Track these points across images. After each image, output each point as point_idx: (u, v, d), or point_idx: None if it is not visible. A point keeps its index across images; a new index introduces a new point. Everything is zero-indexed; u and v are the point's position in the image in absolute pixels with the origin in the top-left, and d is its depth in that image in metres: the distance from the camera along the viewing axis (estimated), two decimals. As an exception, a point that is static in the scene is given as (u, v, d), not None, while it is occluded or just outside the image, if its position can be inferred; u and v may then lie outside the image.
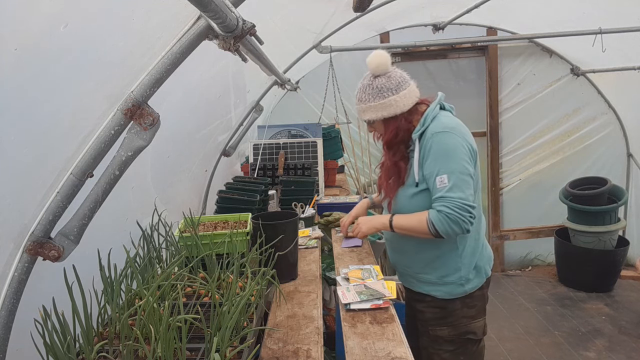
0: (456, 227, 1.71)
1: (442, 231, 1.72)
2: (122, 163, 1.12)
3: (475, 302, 1.90)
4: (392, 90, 1.82)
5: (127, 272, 1.40)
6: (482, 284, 1.91)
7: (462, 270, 1.85)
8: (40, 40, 0.89)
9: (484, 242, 1.95)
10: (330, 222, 2.60)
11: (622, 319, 3.94)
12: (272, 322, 1.56)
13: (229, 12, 1.08)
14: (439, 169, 1.74)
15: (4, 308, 1.04)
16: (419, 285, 1.94)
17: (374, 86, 1.84)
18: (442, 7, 3.91)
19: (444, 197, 1.72)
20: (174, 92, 1.73)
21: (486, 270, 1.93)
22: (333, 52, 3.71)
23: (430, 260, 1.87)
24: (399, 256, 2.02)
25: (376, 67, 1.84)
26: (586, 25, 3.67)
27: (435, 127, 1.79)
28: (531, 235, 5.17)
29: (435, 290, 1.89)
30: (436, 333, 1.90)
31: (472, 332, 1.89)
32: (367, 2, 2.30)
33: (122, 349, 1.12)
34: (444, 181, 1.73)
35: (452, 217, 1.70)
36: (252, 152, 3.34)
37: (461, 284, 1.86)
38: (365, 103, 1.86)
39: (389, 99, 1.82)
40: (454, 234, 1.75)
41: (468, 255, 1.86)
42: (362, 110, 1.89)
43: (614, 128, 5.03)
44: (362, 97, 1.87)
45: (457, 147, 1.76)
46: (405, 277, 2.01)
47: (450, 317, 1.88)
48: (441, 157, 1.75)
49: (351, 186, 4.38)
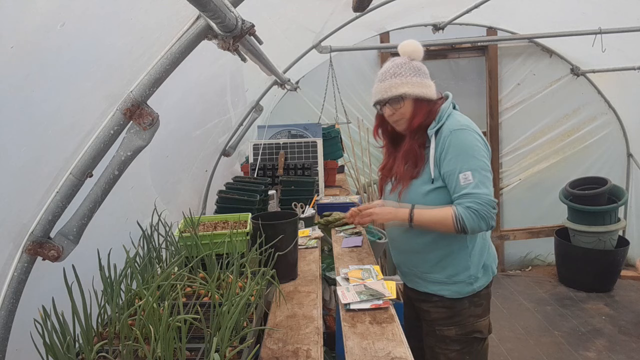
0: (484, 224, 1.71)
1: (471, 227, 1.71)
2: (121, 163, 1.12)
3: (482, 301, 1.89)
4: (427, 75, 1.86)
5: (127, 272, 1.40)
6: (489, 282, 1.91)
7: (471, 268, 1.84)
8: (37, 39, 0.88)
9: (489, 241, 1.95)
10: (330, 222, 2.59)
11: (622, 319, 3.94)
12: (272, 322, 1.56)
13: (228, 12, 1.08)
14: (461, 166, 1.74)
15: (3, 308, 1.04)
16: (426, 286, 1.91)
17: (412, 66, 1.84)
18: (442, 7, 3.91)
19: (471, 194, 1.71)
20: (174, 91, 1.72)
21: (493, 269, 1.93)
22: (333, 52, 3.71)
23: (439, 259, 1.86)
24: (405, 256, 1.99)
25: (412, 51, 1.86)
26: (586, 25, 3.67)
27: (451, 125, 1.78)
28: (531, 235, 5.17)
29: (443, 290, 1.87)
30: (443, 333, 1.88)
31: (478, 331, 1.88)
32: (367, 2, 2.30)
33: (121, 349, 1.12)
34: (468, 178, 1.72)
35: (482, 213, 1.70)
36: (252, 152, 3.34)
37: (470, 282, 1.85)
38: (403, 77, 1.82)
39: (427, 81, 1.84)
40: (480, 230, 1.74)
41: (477, 254, 1.85)
42: (396, 85, 1.82)
43: (614, 128, 5.03)
44: (399, 72, 1.83)
45: (477, 144, 1.76)
46: (411, 278, 1.98)
47: (458, 317, 1.86)
48: (462, 154, 1.74)
49: (351, 186, 4.38)
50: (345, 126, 4.53)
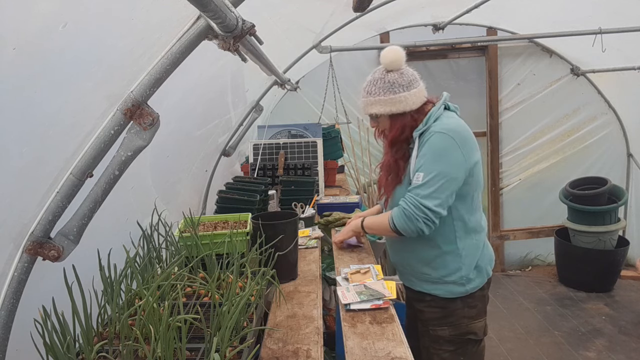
0: (410, 225, 1.72)
1: (400, 227, 1.75)
2: (121, 163, 1.12)
3: (476, 303, 1.89)
4: (403, 86, 1.80)
5: (127, 272, 1.40)
6: (484, 284, 1.91)
7: (462, 270, 1.84)
8: (39, 40, 0.89)
9: (485, 242, 1.94)
10: (330, 222, 2.59)
11: (622, 319, 3.94)
12: (272, 322, 1.56)
13: (229, 12, 1.08)
14: (421, 165, 1.76)
15: (3, 308, 1.04)
16: (420, 284, 1.93)
17: (386, 80, 1.82)
18: (442, 7, 3.91)
19: (409, 192, 1.75)
20: (174, 92, 1.72)
21: (487, 271, 1.93)
22: (333, 52, 3.72)
23: (430, 259, 1.87)
24: (399, 255, 2.01)
25: (390, 62, 1.83)
26: (586, 25, 3.67)
27: (435, 127, 1.79)
28: (531, 235, 5.17)
29: (436, 289, 1.88)
30: (437, 333, 1.90)
31: (472, 333, 1.89)
32: (367, 2, 2.30)
33: (122, 349, 1.12)
34: (419, 178, 1.74)
35: (407, 213, 1.72)
36: (252, 152, 3.34)
37: (462, 283, 1.85)
38: (374, 96, 1.82)
39: (399, 95, 1.80)
40: (411, 232, 1.75)
41: (469, 255, 1.85)
42: (369, 104, 1.85)
43: (614, 128, 5.03)
44: (372, 90, 1.84)
45: (448, 150, 1.74)
46: (406, 276, 2.00)
47: (451, 317, 1.87)
48: (429, 155, 1.75)
49: (351, 186, 4.38)
50: (345, 126, 4.53)
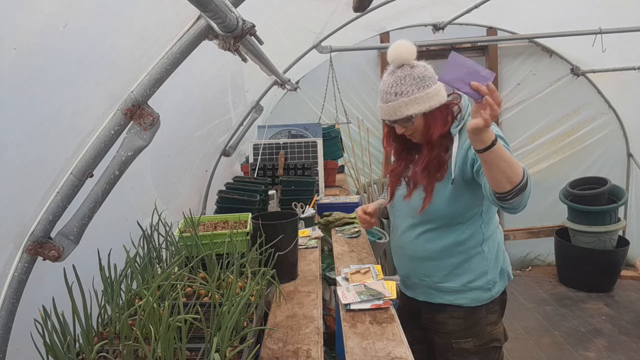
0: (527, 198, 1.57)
1: (528, 192, 1.56)
2: (122, 163, 1.13)
3: (496, 307, 1.80)
4: (432, 78, 1.63)
5: (127, 272, 1.40)
6: (505, 288, 1.84)
7: (489, 273, 1.75)
8: (39, 40, 0.89)
9: (503, 246, 1.87)
10: (330, 222, 2.60)
11: (622, 319, 3.94)
12: (272, 322, 1.56)
13: (229, 12, 1.08)
14: None
15: (4, 308, 1.04)
16: (440, 296, 1.80)
17: (414, 75, 1.62)
18: (442, 7, 3.91)
19: None
20: (174, 92, 1.73)
21: (509, 273, 1.84)
22: (333, 52, 3.72)
23: (455, 266, 1.75)
24: (416, 264, 1.83)
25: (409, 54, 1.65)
26: (586, 25, 3.67)
27: None
28: (531, 235, 5.17)
29: (459, 299, 1.76)
30: (460, 346, 1.77)
31: (496, 339, 1.80)
32: (367, 2, 2.30)
33: (122, 349, 1.12)
34: None
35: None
36: (252, 152, 3.34)
37: (488, 288, 1.76)
38: (408, 96, 1.61)
39: (433, 88, 1.62)
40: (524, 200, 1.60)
41: (493, 258, 1.77)
42: (403, 105, 1.62)
43: (614, 128, 5.03)
44: (402, 90, 1.62)
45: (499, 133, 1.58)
46: (422, 290, 1.84)
47: (476, 327, 1.76)
48: None
49: (351, 186, 4.38)
50: (345, 126, 4.53)
